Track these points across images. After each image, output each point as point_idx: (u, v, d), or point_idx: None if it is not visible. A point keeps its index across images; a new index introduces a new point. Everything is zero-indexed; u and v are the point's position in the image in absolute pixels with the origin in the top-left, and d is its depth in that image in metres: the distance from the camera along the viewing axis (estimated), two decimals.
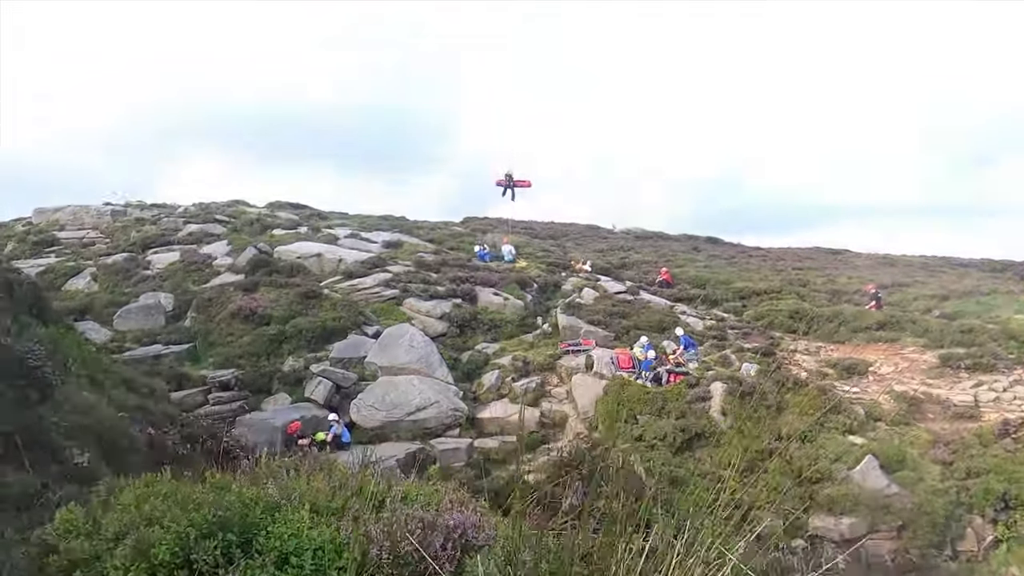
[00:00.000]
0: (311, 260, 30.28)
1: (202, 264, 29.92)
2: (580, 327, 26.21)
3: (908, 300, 31.68)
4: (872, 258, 48.84)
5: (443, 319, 26.20)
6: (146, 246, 32.52)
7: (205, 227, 35.49)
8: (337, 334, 24.15)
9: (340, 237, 34.76)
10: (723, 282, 34.86)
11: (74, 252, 32.83)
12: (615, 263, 39.22)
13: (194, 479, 5.39)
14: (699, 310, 30.90)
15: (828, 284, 35.79)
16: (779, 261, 45.84)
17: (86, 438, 7.88)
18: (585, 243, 49.36)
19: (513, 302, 28.12)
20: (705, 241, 55.36)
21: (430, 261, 31.60)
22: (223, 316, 24.77)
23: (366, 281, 28.37)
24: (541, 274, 32.54)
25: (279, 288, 26.40)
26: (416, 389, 21.66)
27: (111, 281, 28.39)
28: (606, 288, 31.15)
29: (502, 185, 37.29)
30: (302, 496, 4.81)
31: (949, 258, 49.83)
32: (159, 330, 24.68)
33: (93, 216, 38.15)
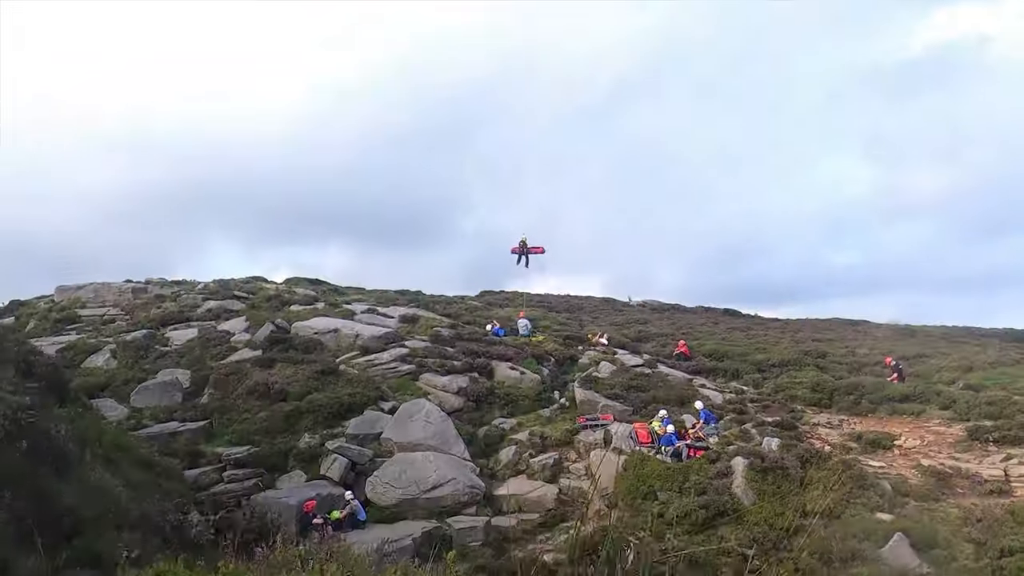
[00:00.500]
0: (328, 336, 30.36)
1: (220, 340, 30.03)
2: (598, 401, 25.97)
3: (931, 371, 31.23)
4: (892, 329, 48.39)
5: (459, 394, 26.04)
6: (165, 323, 32.77)
7: (224, 303, 35.77)
8: (353, 410, 24.03)
9: (357, 312, 34.91)
10: (741, 354, 34.59)
11: (95, 329, 33.13)
12: (632, 336, 39.07)
13: (208, 567, 5.28)
14: (718, 383, 30.58)
15: (848, 355, 35.40)
16: (797, 332, 45.51)
17: (101, 521, 7.79)
18: (601, 316, 49.31)
19: (530, 376, 27.97)
20: (722, 313, 55.24)
21: (446, 336, 31.60)
22: (239, 392, 24.75)
23: (382, 356, 28.34)
24: (558, 348, 32.43)
25: (296, 364, 26.43)
26: (432, 466, 21.39)
27: (130, 358, 28.51)
28: (623, 361, 30.95)
29: (516, 252, 37.70)
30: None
31: (970, 328, 49.36)
32: (176, 407, 24.64)
33: (114, 293, 38.66)
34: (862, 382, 28.64)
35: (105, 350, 29.26)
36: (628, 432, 23.22)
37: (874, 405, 26.50)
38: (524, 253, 37.68)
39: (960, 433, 22.93)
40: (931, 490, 19.52)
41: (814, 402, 27.80)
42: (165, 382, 25.95)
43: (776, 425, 24.05)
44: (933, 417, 24.95)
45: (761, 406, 27.09)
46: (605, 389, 27.07)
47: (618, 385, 27.38)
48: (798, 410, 26.62)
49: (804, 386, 28.88)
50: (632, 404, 26.02)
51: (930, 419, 24.86)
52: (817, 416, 26.16)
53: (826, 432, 24.45)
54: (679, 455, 21.73)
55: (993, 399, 24.95)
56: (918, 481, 20.09)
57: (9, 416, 7.49)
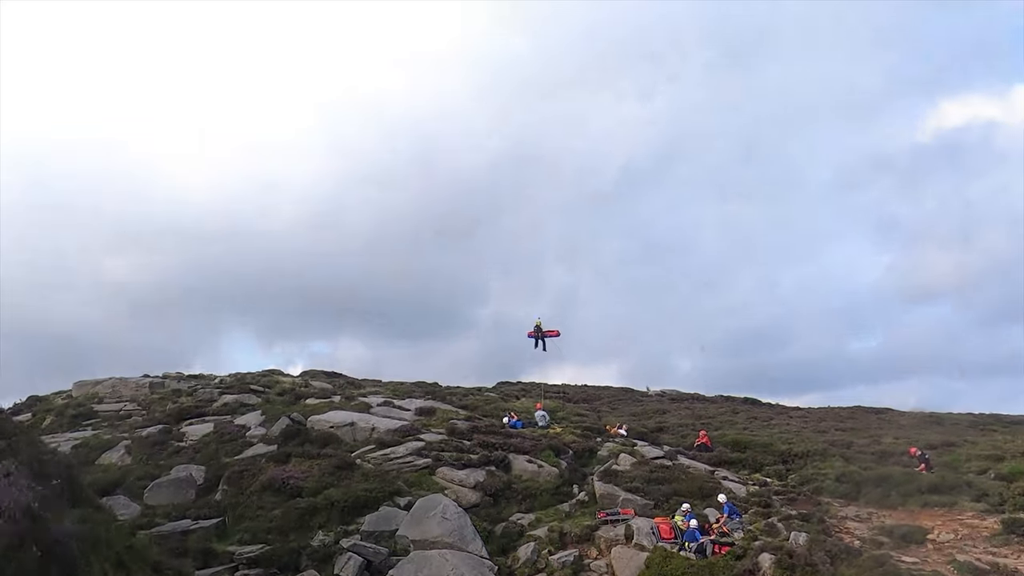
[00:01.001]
0: (344, 429, 30.15)
1: (235, 435, 29.88)
2: (618, 495, 25.39)
3: (960, 461, 30.41)
4: (917, 416, 47.44)
5: (476, 488, 25.57)
6: (181, 418, 32.71)
7: (240, 397, 35.77)
8: (369, 506, 23.60)
9: (373, 405, 34.74)
10: (764, 445, 33.95)
11: (111, 425, 33.12)
12: (651, 427, 38.55)
13: None
14: (741, 475, 29.92)
15: (873, 445, 34.65)
16: (820, 422, 44.75)
17: None
18: (619, 406, 48.87)
19: (548, 469, 27.49)
20: (742, 402, 54.60)
21: (463, 428, 31.29)
22: (254, 488, 24.45)
23: (399, 450, 28.03)
24: (576, 439, 31.97)
25: (311, 459, 26.18)
26: (449, 564, 20.82)
27: (144, 454, 28.38)
28: (643, 453, 30.42)
29: (533, 336, 37.92)
30: None
31: (998, 415, 48.28)
32: (189, 504, 24.32)
33: (132, 388, 38.81)
34: (890, 473, 27.91)
35: (120, 446, 29.17)
36: (650, 527, 22.59)
37: (903, 497, 25.73)
38: (540, 337, 37.97)
39: (995, 526, 22.16)
40: None
41: (841, 494, 27.04)
42: (179, 478, 25.71)
43: (803, 519, 23.38)
44: (965, 509, 24.17)
45: (786, 499, 26.40)
46: (625, 482, 26.50)
47: (638, 478, 26.80)
48: (825, 503, 25.90)
49: (830, 477, 28.19)
50: (653, 498, 25.40)
51: (962, 511, 24.07)
52: (845, 509, 25.41)
53: (855, 526, 23.70)
54: (703, 551, 21.06)
55: None
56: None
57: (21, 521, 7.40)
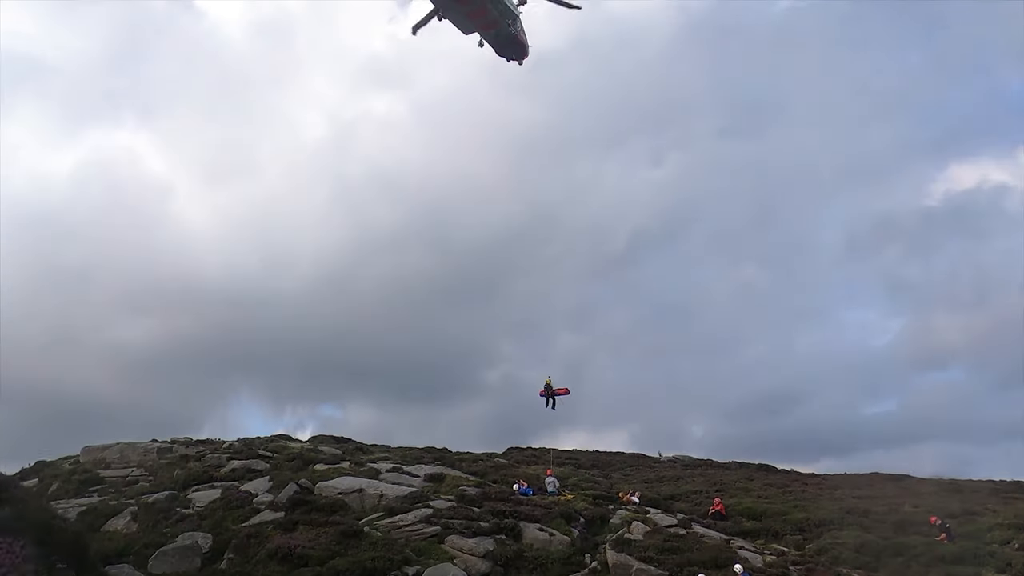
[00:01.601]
0: (352, 496, 29.80)
1: (243, 502, 29.58)
2: (631, 565, 24.86)
3: (982, 530, 29.68)
4: (936, 483, 46.47)
5: (486, 557, 25.08)
6: (188, 484, 32.45)
7: (248, 463, 35.51)
8: (376, 575, 23.16)
9: (382, 471, 34.42)
10: (780, 513, 33.32)
11: (117, 491, 32.86)
12: (664, 494, 37.94)
13: None
14: (757, 544, 29.29)
15: (892, 513, 33.91)
16: (836, 489, 43.87)
17: None
18: (631, 473, 48.28)
19: (559, 538, 27.00)
20: (757, 468, 53.77)
21: (473, 495, 30.86)
22: (260, 557, 24.08)
23: (407, 518, 27.63)
24: (587, 507, 31.48)
25: (318, 527, 25.82)
26: None
27: (151, 521, 28.07)
28: (656, 521, 29.90)
29: (543, 395, 37.95)
30: None
31: (1020, 482, 47.26)
32: (194, 573, 23.93)
33: (139, 454, 38.59)
34: (911, 542, 27.26)
35: (126, 513, 28.90)
36: None
37: (925, 567, 25.08)
38: (550, 395, 37.97)
39: None
40: None
41: (860, 564, 26.40)
42: (184, 546, 25.32)
43: None
44: None
45: (804, 569, 25.81)
46: (638, 551, 25.96)
47: (652, 547, 26.28)
48: (843, 573, 25.29)
49: (848, 547, 27.55)
50: (667, 568, 24.85)
51: None
52: None
53: None
54: None
55: None
56: None
57: None
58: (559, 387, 38.48)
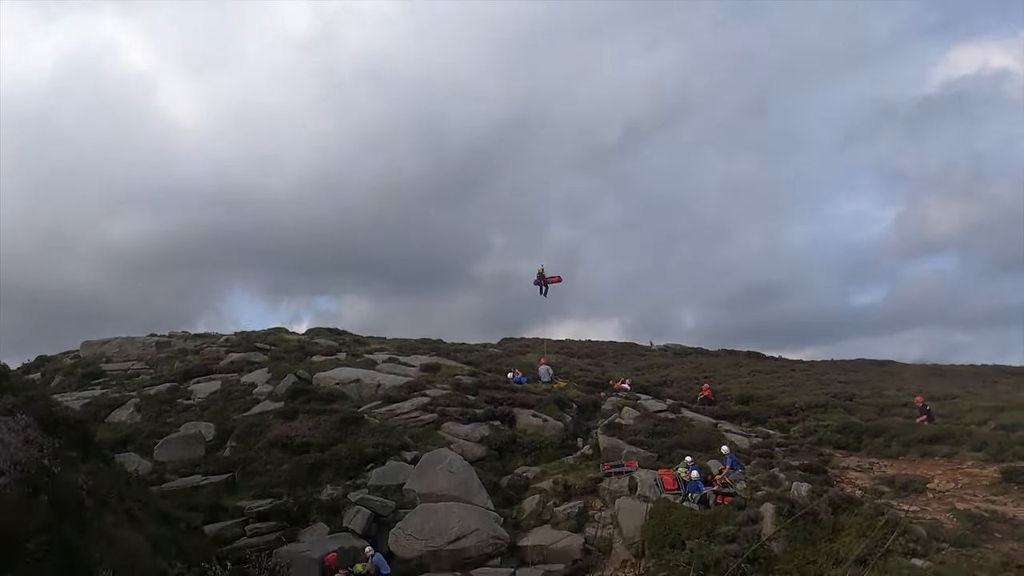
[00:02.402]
0: (350, 386, 30.38)
1: (243, 392, 30.18)
2: (622, 448, 25.63)
3: (962, 412, 30.62)
4: (919, 368, 47.69)
5: (482, 442, 25.86)
6: (188, 376, 32.97)
7: (246, 355, 35.99)
8: (375, 461, 23.94)
9: (378, 362, 34.95)
10: (767, 398, 34.15)
11: (119, 384, 33.44)
12: (655, 381, 38.78)
13: None
14: (744, 427, 30.16)
15: (875, 397, 34.87)
16: (823, 375, 45.00)
17: None
18: (623, 361, 49.15)
19: (552, 423, 27.74)
20: (745, 356, 54.78)
21: (468, 384, 31.49)
22: (262, 444, 24.77)
23: (404, 406, 28.30)
24: (580, 394, 32.21)
25: (318, 415, 26.45)
26: (456, 516, 21.17)
27: (153, 411, 28.69)
28: (647, 407, 30.63)
29: (537, 283, 38.46)
30: None
31: (1000, 366, 48.45)
32: (198, 460, 24.67)
33: (138, 348, 39.07)
34: (892, 424, 28.10)
35: (129, 404, 29.47)
36: (653, 479, 22.88)
37: (904, 447, 25.95)
38: (543, 283, 38.40)
39: (995, 475, 22.37)
40: (968, 535, 18.98)
41: (843, 445, 27.26)
42: (188, 435, 26.02)
43: (805, 469, 23.62)
44: (966, 459, 24.37)
45: (789, 450, 26.62)
46: (629, 435, 26.74)
47: (642, 431, 27.05)
48: (827, 454, 26.12)
49: (832, 429, 28.35)
50: (657, 450, 25.66)
51: (963, 461, 24.29)
52: (846, 459, 25.65)
53: (856, 476, 23.95)
54: (706, 502, 21.35)
55: None
56: (954, 525, 19.57)
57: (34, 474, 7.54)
58: (551, 275, 38.87)
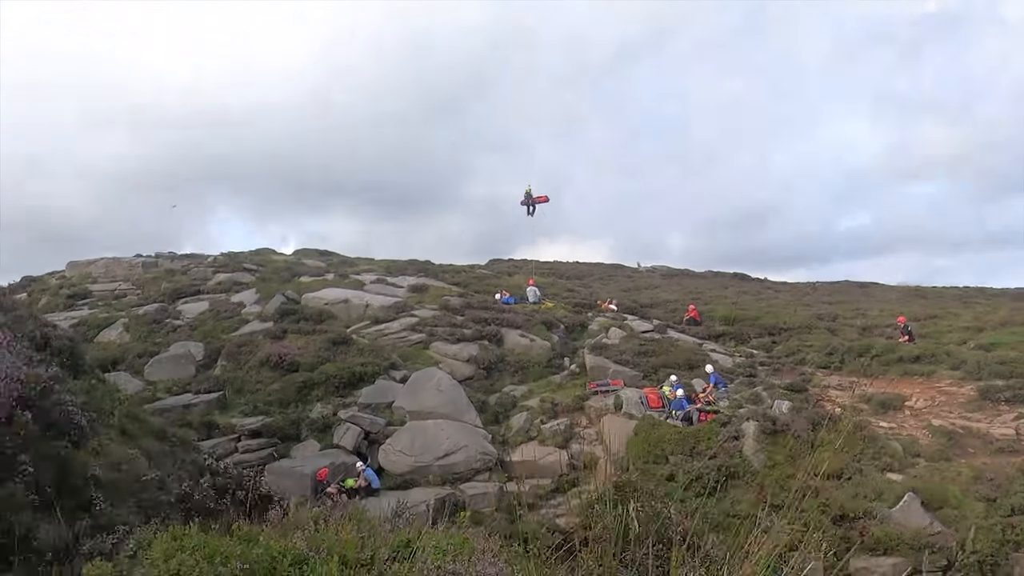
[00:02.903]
0: (338, 306, 30.46)
1: (231, 313, 30.20)
2: (608, 367, 26.00)
3: (942, 332, 31.10)
4: (902, 290, 48.22)
5: (470, 362, 26.15)
6: (176, 296, 32.95)
7: (234, 276, 35.91)
8: (365, 380, 24.21)
9: (367, 283, 34.98)
10: (752, 318, 34.50)
11: (106, 304, 33.36)
12: (642, 302, 39.04)
13: (223, 531, 5.36)
14: (728, 347, 30.58)
15: (858, 318, 35.30)
16: (807, 296, 45.39)
17: (118, 490, 7.91)
18: (611, 282, 49.30)
19: (540, 343, 28.03)
20: (732, 278, 55.13)
21: (456, 304, 31.64)
22: (252, 364, 24.94)
23: (393, 326, 28.47)
24: (567, 315, 32.44)
25: (307, 335, 26.60)
26: (445, 433, 21.56)
27: (143, 332, 28.74)
28: (633, 327, 30.94)
29: (524, 204, 38.34)
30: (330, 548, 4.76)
31: (983, 288, 49.07)
32: (189, 379, 24.86)
33: (125, 268, 38.86)
34: (873, 344, 28.55)
35: (118, 324, 29.49)
36: (639, 397, 23.28)
37: (885, 367, 26.43)
38: (530, 203, 38.26)
39: (971, 393, 22.90)
40: (942, 450, 19.58)
41: (825, 365, 27.74)
42: (178, 355, 26.15)
43: (786, 388, 24.10)
44: (944, 378, 24.89)
45: (771, 369, 27.12)
46: (615, 355, 27.09)
47: (628, 351, 27.38)
48: (808, 373, 26.60)
49: (815, 349, 28.81)
50: (642, 369, 26.05)
51: (941, 380, 24.81)
52: (828, 379, 26.14)
53: (836, 394, 24.46)
54: (690, 419, 21.81)
55: (1004, 359, 24.84)
56: (929, 441, 20.15)
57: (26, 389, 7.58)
58: (539, 195, 38.64)
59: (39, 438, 7.42)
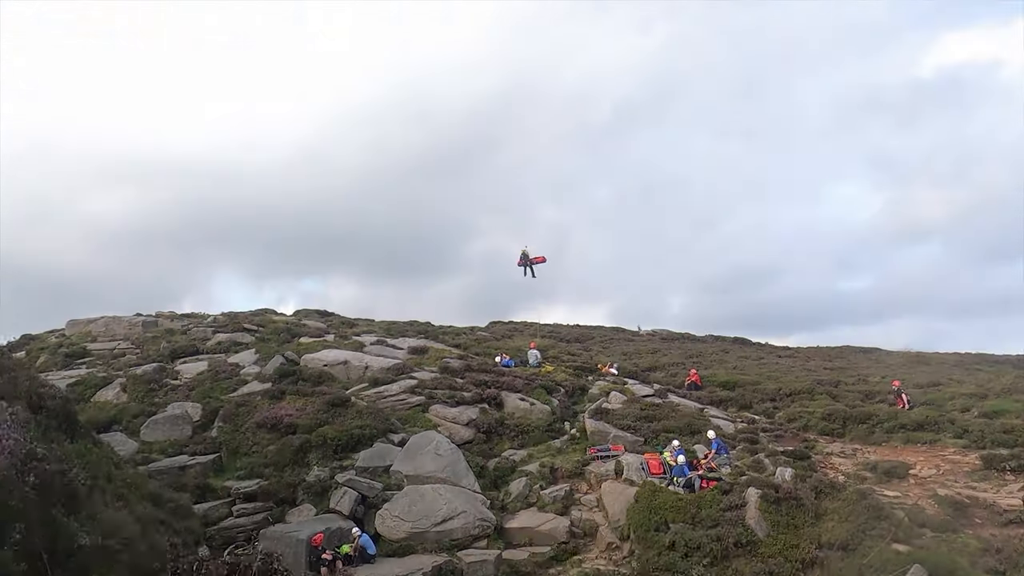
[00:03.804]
0: (338, 368, 30.37)
1: (230, 373, 30.06)
2: (609, 432, 25.79)
3: (944, 399, 30.88)
4: (904, 356, 48.04)
5: (469, 425, 25.94)
6: (175, 356, 32.85)
7: (233, 336, 35.87)
8: (363, 442, 23.96)
9: (366, 344, 34.93)
10: (753, 384, 34.36)
11: (105, 363, 33.22)
12: (642, 366, 38.92)
13: None
14: (730, 412, 30.36)
15: (860, 384, 35.12)
16: (808, 361, 45.27)
17: (111, 558, 7.77)
18: (611, 346, 49.24)
19: (540, 407, 27.85)
20: (732, 342, 55.05)
21: (456, 367, 31.53)
22: (249, 425, 24.74)
23: (392, 388, 28.32)
24: (568, 378, 32.31)
25: (305, 397, 26.42)
26: (443, 499, 21.25)
27: (140, 392, 28.54)
28: (634, 391, 30.79)
29: (521, 265, 38.28)
30: None
31: (984, 355, 48.88)
32: (185, 440, 24.62)
33: (125, 327, 38.85)
34: (875, 410, 28.36)
35: (115, 384, 29.33)
36: (639, 463, 23.01)
37: (888, 434, 26.23)
38: (528, 264, 38.25)
39: (976, 462, 22.64)
40: (948, 520, 19.22)
41: (827, 431, 27.53)
42: (175, 415, 25.95)
43: (789, 455, 23.82)
44: (948, 446, 24.67)
45: (773, 436, 26.86)
46: (616, 419, 26.89)
47: (629, 415, 27.19)
48: (811, 439, 26.37)
49: (817, 415, 28.62)
50: (643, 434, 25.83)
51: (945, 447, 24.58)
52: (830, 445, 25.90)
53: (840, 461, 24.18)
54: (691, 486, 21.50)
55: (1009, 427, 24.66)
56: (935, 511, 19.80)
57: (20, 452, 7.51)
58: (536, 255, 38.74)
59: (33, 504, 7.32)
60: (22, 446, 7.58)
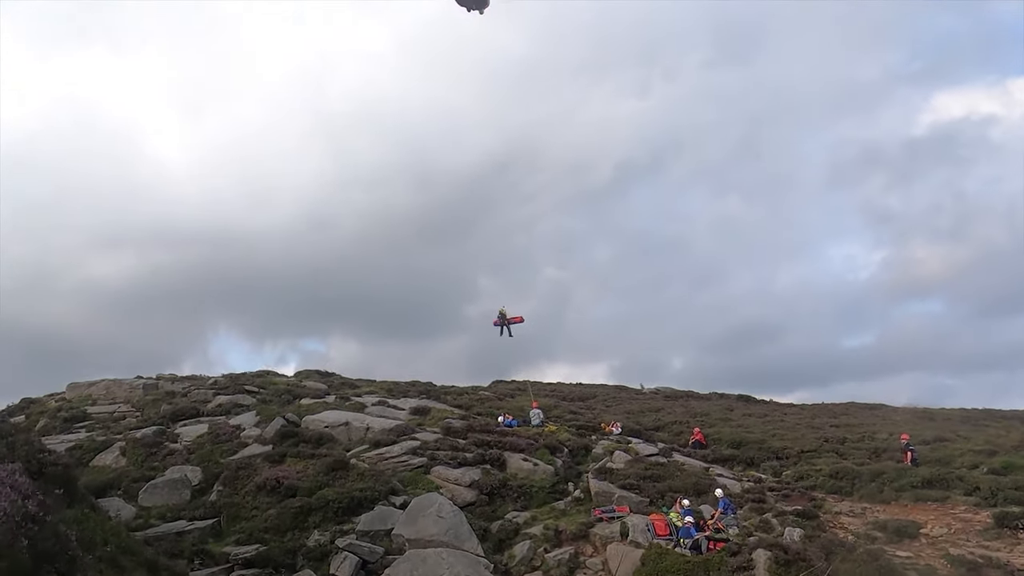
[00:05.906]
0: (339, 429, 30.14)
1: (230, 436, 29.81)
2: (613, 492, 25.45)
3: (953, 456, 30.53)
4: (910, 412, 47.66)
5: (472, 487, 25.59)
6: (175, 419, 32.65)
7: (234, 398, 35.73)
8: (364, 505, 23.60)
9: (368, 405, 34.75)
10: (758, 442, 34.05)
11: (104, 427, 32.99)
12: (646, 424, 38.61)
13: None
14: (735, 471, 30.00)
15: (867, 441, 34.78)
16: (814, 418, 44.86)
17: None
18: (614, 404, 48.91)
19: (543, 467, 27.52)
20: (736, 399, 54.70)
21: (458, 427, 31.30)
22: (249, 489, 24.43)
23: (393, 449, 28.04)
24: (571, 438, 32.03)
25: (306, 459, 26.18)
26: (445, 563, 20.82)
27: (139, 455, 28.29)
28: (638, 450, 30.51)
29: (498, 324, 38.37)
30: None
31: (991, 410, 48.48)
32: (184, 505, 24.28)
33: (125, 390, 38.70)
34: (884, 468, 28.03)
35: (114, 448, 29.09)
36: (645, 524, 22.66)
37: (897, 492, 25.86)
38: (505, 324, 38.38)
39: (987, 520, 22.29)
40: None
41: (835, 490, 27.17)
42: (174, 479, 25.65)
43: (797, 514, 23.48)
44: (958, 503, 24.31)
45: (781, 495, 26.50)
46: (620, 479, 26.57)
47: (633, 475, 26.88)
48: (819, 498, 26.02)
49: (824, 473, 28.29)
50: (648, 495, 25.48)
51: (955, 505, 24.22)
52: (839, 504, 25.53)
53: (849, 521, 23.81)
54: (698, 547, 21.12)
55: (1020, 484, 24.33)
56: (948, 571, 19.42)
57: (17, 519, 7.41)
58: (513, 316, 38.95)
59: (29, 571, 7.19)
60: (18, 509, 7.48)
